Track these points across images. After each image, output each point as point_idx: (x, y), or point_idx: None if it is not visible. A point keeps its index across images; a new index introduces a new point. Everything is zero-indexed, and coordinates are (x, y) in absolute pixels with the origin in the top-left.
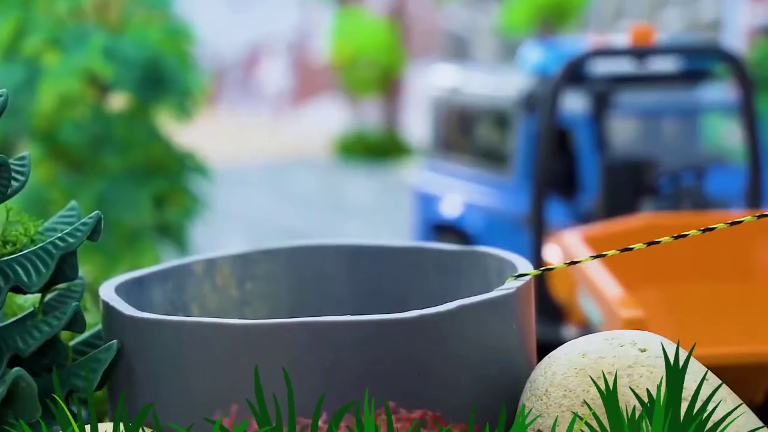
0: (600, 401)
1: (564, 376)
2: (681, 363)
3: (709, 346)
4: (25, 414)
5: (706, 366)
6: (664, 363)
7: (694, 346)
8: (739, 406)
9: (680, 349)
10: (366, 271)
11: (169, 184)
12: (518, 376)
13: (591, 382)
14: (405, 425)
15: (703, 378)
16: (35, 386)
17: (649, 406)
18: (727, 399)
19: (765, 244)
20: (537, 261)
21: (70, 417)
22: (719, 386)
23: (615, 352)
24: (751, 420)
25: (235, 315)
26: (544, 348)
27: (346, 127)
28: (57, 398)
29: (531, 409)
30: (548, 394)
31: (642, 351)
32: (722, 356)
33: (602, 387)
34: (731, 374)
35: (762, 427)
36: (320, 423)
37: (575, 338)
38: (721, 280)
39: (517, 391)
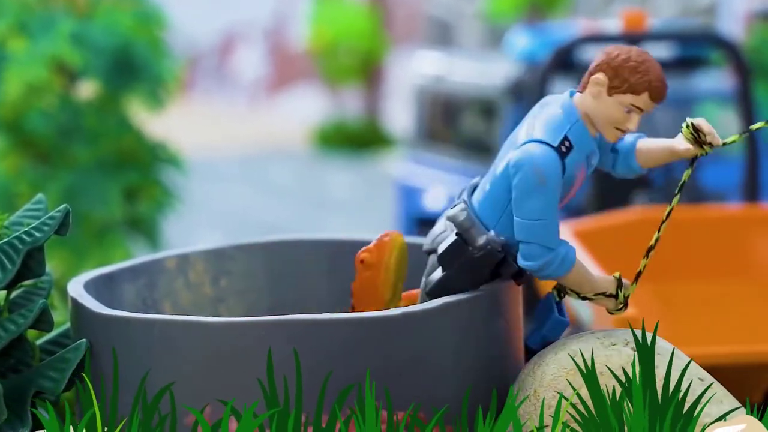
0: (591, 402)
1: (554, 376)
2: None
3: (704, 346)
4: None
5: (701, 366)
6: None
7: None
8: (712, 384)
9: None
10: (347, 267)
11: (140, 176)
12: (506, 376)
13: (581, 383)
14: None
15: (672, 354)
16: (0, 387)
17: (627, 386)
18: (703, 377)
19: (761, 242)
20: None
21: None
22: (688, 363)
23: (607, 351)
24: (728, 398)
25: (209, 313)
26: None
27: (326, 117)
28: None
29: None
30: (537, 395)
31: (635, 350)
32: (719, 356)
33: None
34: (728, 374)
35: (739, 407)
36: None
37: (564, 337)
38: (717, 278)
39: (505, 391)
